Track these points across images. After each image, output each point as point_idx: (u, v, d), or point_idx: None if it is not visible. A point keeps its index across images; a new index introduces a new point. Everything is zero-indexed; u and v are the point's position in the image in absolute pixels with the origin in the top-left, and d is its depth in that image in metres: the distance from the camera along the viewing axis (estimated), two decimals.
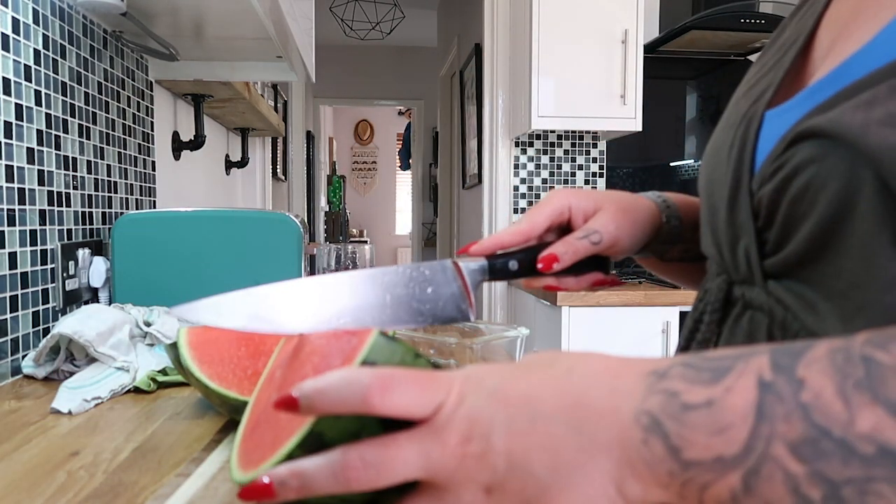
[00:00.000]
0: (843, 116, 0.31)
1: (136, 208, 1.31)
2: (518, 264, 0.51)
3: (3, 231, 0.82)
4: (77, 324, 0.76)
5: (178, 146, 1.68)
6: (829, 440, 0.24)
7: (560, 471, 0.27)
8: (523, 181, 2.52)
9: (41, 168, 0.91)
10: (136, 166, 1.31)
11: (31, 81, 0.89)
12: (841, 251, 0.32)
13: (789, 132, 0.35)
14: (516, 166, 2.52)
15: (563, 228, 0.54)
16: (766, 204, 0.36)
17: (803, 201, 0.33)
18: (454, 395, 0.30)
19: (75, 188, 1.02)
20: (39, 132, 0.91)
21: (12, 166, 0.84)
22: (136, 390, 0.74)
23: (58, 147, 0.96)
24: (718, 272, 0.44)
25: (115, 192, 1.19)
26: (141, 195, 1.34)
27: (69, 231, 1.00)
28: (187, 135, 1.75)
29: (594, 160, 2.53)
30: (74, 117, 1.02)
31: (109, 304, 0.93)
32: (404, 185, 7.71)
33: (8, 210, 0.83)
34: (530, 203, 2.52)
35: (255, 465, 0.33)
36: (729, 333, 0.41)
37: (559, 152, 2.52)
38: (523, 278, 0.52)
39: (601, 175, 2.53)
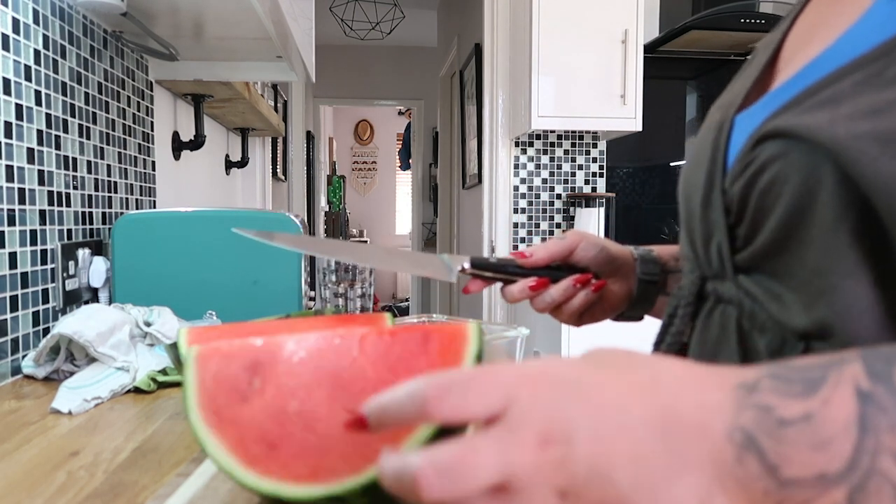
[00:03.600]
0: (808, 116, 0.33)
1: (136, 208, 1.31)
2: (497, 260, 0.60)
3: (3, 231, 0.82)
4: (77, 324, 0.76)
5: (178, 146, 1.68)
6: None
7: (643, 483, 0.26)
8: (523, 181, 2.52)
9: (41, 168, 0.91)
10: (136, 166, 1.31)
11: (31, 81, 0.89)
12: (804, 241, 0.34)
13: (756, 132, 0.37)
14: (516, 166, 2.52)
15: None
16: (737, 200, 0.38)
17: (770, 195, 0.35)
18: (527, 389, 0.28)
19: (75, 188, 1.02)
20: (39, 132, 0.91)
21: (12, 166, 0.84)
22: (136, 390, 0.74)
23: (58, 147, 0.96)
24: (692, 269, 0.46)
25: (115, 192, 1.19)
26: (141, 195, 1.34)
27: (69, 231, 1.00)
28: (187, 135, 1.74)
29: (594, 160, 2.53)
30: (74, 117, 1.02)
31: (109, 304, 0.93)
32: (404, 185, 7.70)
33: (8, 210, 0.83)
34: (530, 203, 2.52)
35: (328, 479, 0.33)
36: (702, 326, 0.44)
37: (559, 152, 2.52)
38: (503, 277, 0.61)
39: (601, 175, 2.53)
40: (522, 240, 2.53)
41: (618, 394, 0.28)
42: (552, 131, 2.48)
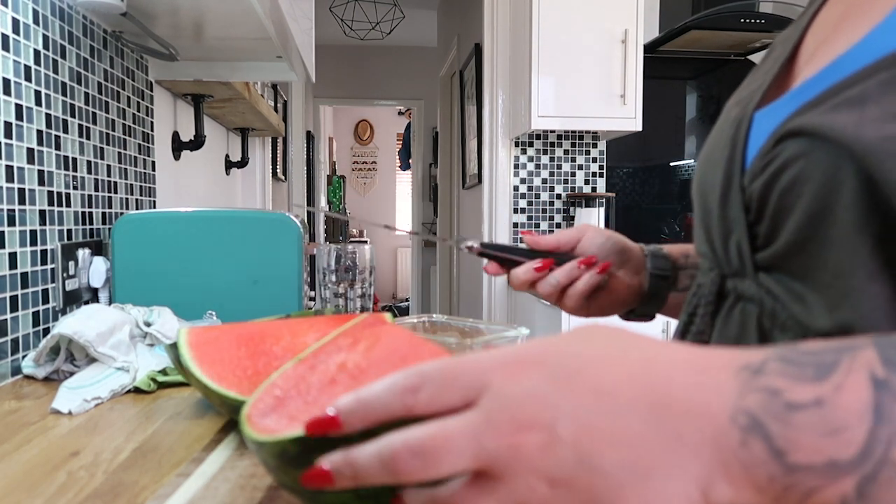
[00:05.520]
0: (833, 116, 0.32)
1: (136, 208, 1.31)
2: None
3: (3, 231, 0.82)
4: (77, 324, 0.76)
5: (178, 146, 1.68)
6: None
7: (636, 469, 0.25)
8: (523, 181, 2.52)
9: (41, 168, 0.91)
10: (136, 166, 1.31)
11: (31, 81, 0.89)
12: (825, 243, 0.33)
13: (778, 129, 0.36)
14: (516, 166, 2.52)
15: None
16: (757, 198, 0.37)
17: (791, 194, 0.35)
18: (500, 374, 0.27)
19: (75, 188, 1.02)
20: (39, 132, 0.91)
21: (12, 166, 0.84)
22: (136, 390, 0.74)
23: (58, 147, 0.96)
24: (711, 267, 0.45)
25: (115, 192, 1.19)
26: (141, 195, 1.34)
27: (69, 231, 1.00)
28: (187, 135, 1.74)
29: (594, 160, 2.53)
30: (74, 117, 1.02)
31: (109, 304, 0.93)
32: (404, 185, 7.70)
33: (8, 210, 0.83)
34: (530, 203, 2.52)
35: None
36: (722, 325, 0.43)
37: (559, 152, 2.52)
38: (509, 258, 0.64)
39: (601, 175, 2.53)
40: (522, 239, 2.53)
41: (604, 381, 0.26)
42: (552, 131, 2.48)
